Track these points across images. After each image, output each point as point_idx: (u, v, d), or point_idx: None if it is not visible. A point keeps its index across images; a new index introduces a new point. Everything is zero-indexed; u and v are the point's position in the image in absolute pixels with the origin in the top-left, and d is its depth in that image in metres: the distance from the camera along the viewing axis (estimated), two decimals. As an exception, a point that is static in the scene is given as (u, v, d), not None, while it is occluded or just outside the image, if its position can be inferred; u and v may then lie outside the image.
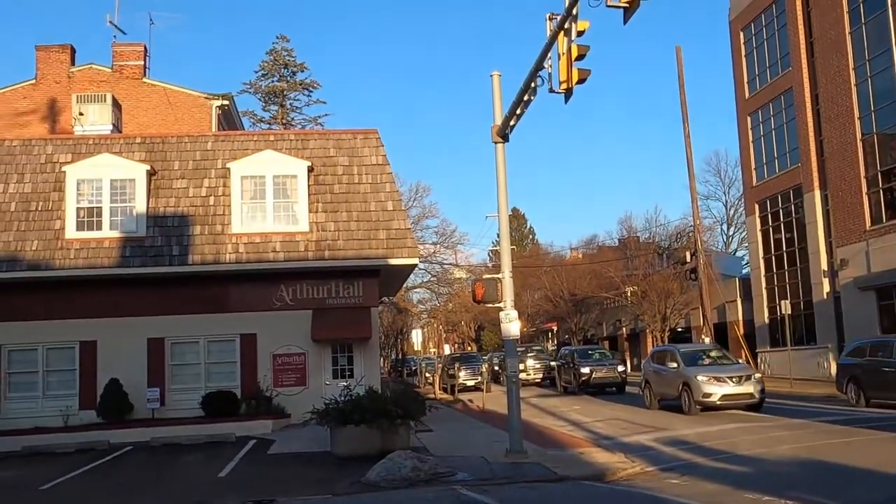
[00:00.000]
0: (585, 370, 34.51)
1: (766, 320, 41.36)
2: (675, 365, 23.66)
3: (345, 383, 20.08)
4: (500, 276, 15.97)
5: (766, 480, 11.65)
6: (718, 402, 21.73)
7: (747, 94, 43.11)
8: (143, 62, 34.01)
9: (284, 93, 53.61)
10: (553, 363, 43.05)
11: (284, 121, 53.02)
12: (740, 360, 26.47)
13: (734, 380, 21.94)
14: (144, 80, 33.81)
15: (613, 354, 43.23)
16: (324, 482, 13.32)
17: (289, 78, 53.73)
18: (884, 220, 32.30)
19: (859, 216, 33.52)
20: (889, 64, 31.62)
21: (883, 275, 31.80)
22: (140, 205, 22.30)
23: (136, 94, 33.11)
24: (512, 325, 15.61)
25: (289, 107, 54.08)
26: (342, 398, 16.13)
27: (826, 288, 36.50)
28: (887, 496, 9.92)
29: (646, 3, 11.11)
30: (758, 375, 23.06)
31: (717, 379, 21.94)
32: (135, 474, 15.68)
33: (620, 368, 35.82)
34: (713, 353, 24.89)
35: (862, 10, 33.25)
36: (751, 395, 21.79)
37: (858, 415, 20.08)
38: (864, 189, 33.39)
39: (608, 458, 14.81)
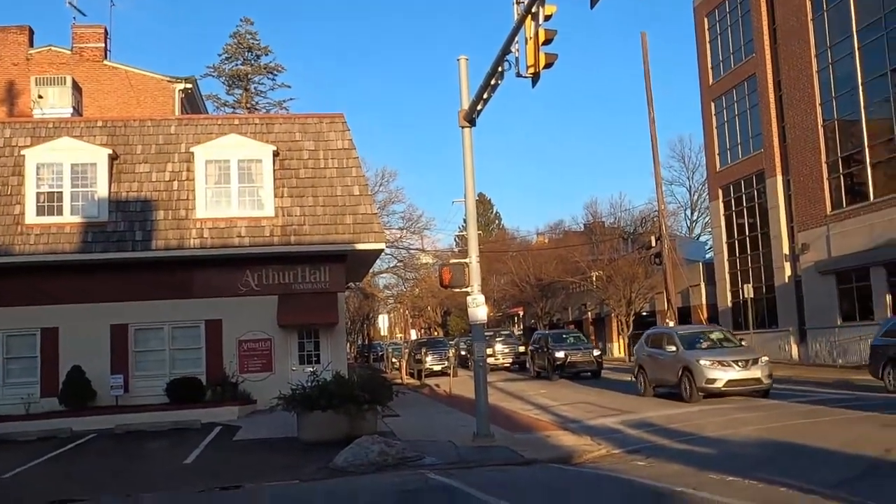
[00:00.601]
0: (560, 354, 33.80)
1: (729, 304, 41.92)
2: (673, 348, 21.81)
3: (311, 369, 20.03)
4: (466, 260, 15.95)
5: (730, 461, 11.80)
6: (723, 389, 20.04)
7: (711, 80, 43.47)
8: (103, 44, 33.42)
9: (248, 76, 53.09)
10: (521, 348, 43.22)
11: (249, 105, 52.54)
12: (744, 342, 24.62)
13: (740, 364, 20.19)
14: (105, 62, 33.24)
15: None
16: (291, 468, 13.27)
17: (253, 62, 53.22)
18: (844, 206, 32.83)
19: (820, 201, 34.02)
20: (850, 51, 32.05)
21: (842, 259, 32.37)
22: (102, 189, 21.96)
23: (96, 77, 32.55)
24: (479, 309, 15.63)
25: (253, 91, 53.61)
26: (309, 384, 16.06)
27: (787, 272, 37.06)
28: (851, 476, 10.07)
29: (613, -13, 11.11)
30: (765, 359, 21.07)
31: (722, 363, 20.21)
32: (99, 462, 15.50)
33: (596, 353, 35.02)
34: (714, 335, 23.10)
35: (824, -3, 33.63)
36: (758, 381, 20.11)
37: (823, 395, 20.38)
38: (825, 174, 33.89)
39: (575, 441, 14.93)
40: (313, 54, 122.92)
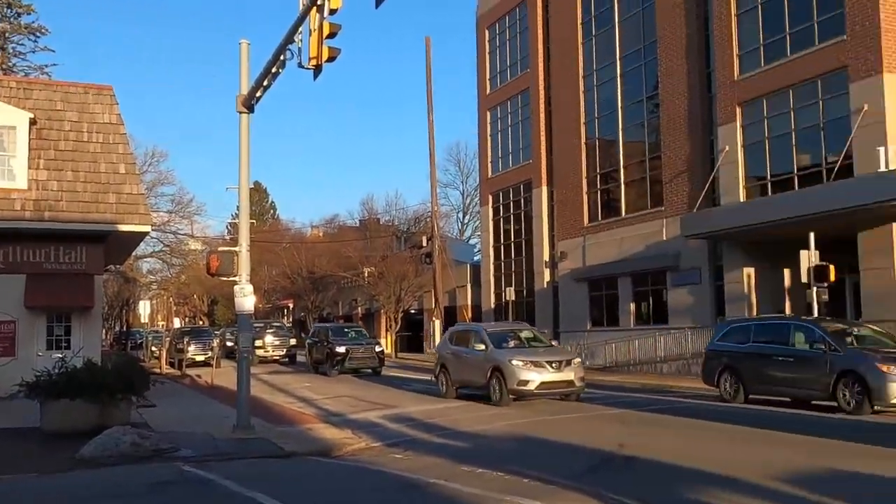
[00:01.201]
0: (341, 349, 31.92)
1: (493, 305, 43.92)
2: (482, 347, 20.46)
3: (60, 355, 18.72)
4: (236, 248, 15.63)
5: (483, 454, 12.38)
6: (536, 391, 19.12)
7: (488, 90, 45.32)
8: None
9: (6, 35, 48.74)
10: (293, 341, 42.58)
11: (4, 66, 48.23)
12: (555, 342, 24.41)
13: (553, 365, 19.28)
14: None
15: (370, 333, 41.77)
16: (30, 459, 12.37)
17: (12, 19, 48.93)
18: (599, 219, 35.45)
19: (579, 213, 36.50)
20: (613, 76, 34.66)
21: (594, 268, 34.95)
22: None
23: None
24: (246, 299, 15.37)
25: (11, 51, 49.27)
26: (56, 370, 15.06)
27: (547, 277, 39.41)
28: (589, 468, 10.95)
29: (399, -11, 11.33)
30: (577, 360, 20.45)
31: (535, 364, 19.19)
32: None
33: (378, 349, 33.52)
34: (524, 334, 21.97)
35: (593, 23, 36.15)
36: (571, 383, 19.37)
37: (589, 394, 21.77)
38: (585, 188, 36.42)
39: (335, 434, 15.04)
40: (84, 22, 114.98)
